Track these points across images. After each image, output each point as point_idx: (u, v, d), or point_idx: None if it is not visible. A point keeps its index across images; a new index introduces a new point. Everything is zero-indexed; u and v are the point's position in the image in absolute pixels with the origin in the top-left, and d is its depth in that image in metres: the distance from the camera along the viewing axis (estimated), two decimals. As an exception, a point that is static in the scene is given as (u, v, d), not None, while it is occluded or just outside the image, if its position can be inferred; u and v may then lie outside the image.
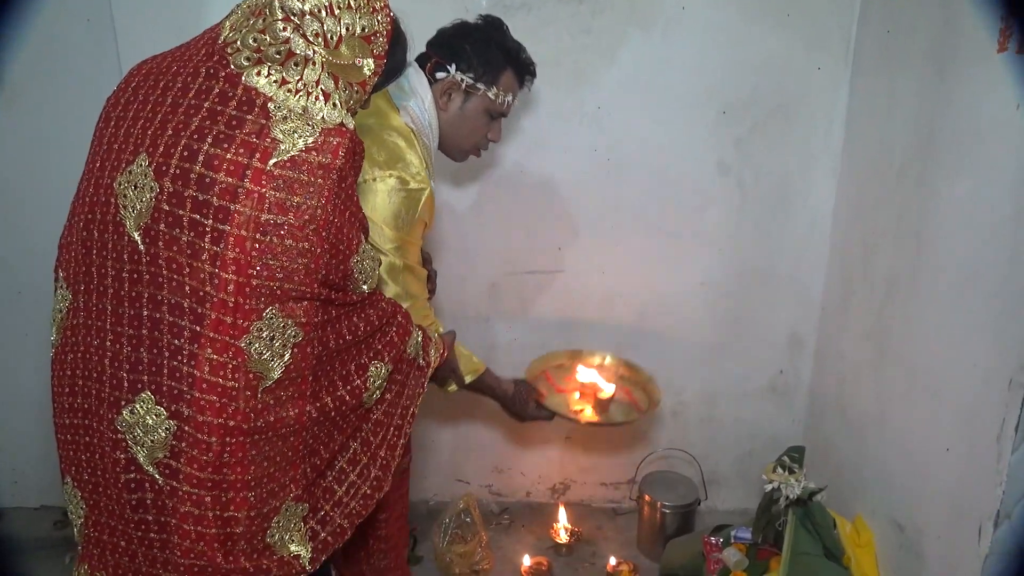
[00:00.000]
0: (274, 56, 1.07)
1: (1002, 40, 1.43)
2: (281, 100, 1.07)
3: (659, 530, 2.26)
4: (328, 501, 1.23)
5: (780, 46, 2.11)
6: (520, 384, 1.91)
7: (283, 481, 1.14)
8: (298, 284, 1.06)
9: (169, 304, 1.05)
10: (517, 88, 1.65)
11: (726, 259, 2.30)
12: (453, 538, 2.22)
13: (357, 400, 1.21)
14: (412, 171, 1.47)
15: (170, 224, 1.03)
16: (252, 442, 1.08)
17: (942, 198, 1.65)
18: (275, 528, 1.15)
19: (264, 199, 1.02)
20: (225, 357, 1.04)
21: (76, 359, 1.14)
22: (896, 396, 1.84)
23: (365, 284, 1.18)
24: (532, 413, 1.91)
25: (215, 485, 1.08)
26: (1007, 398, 1.40)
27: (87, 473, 1.16)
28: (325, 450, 1.21)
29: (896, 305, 1.84)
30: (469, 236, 2.29)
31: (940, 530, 1.62)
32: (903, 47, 1.84)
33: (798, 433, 2.43)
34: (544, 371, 2.10)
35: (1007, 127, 1.42)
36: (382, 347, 1.26)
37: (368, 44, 1.13)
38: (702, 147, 2.20)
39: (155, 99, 1.09)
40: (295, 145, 1.04)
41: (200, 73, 1.08)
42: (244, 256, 1.02)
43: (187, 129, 1.04)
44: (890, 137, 1.89)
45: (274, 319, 1.06)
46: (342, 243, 1.09)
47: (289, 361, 1.08)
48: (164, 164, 1.03)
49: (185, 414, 1.06)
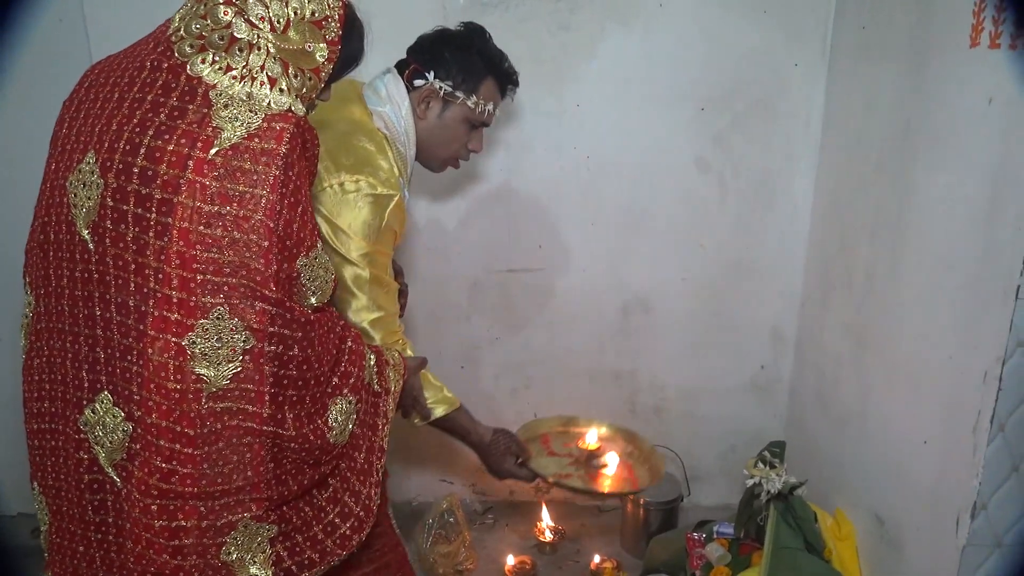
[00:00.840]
0: (217, 42, 1.04)
1: (974, 35, 1.44)
2: (224, 87, 1.04)
3: (642, 527, 2.26)
4: (303, 532, 1.17)
5: (758, 42, 2.11)
6: (500, 434, 1.75)
7: (240, 498, 1.08)
8: (247, 280, 1.01)
9: (116, 303, 1.03)
10: (499, 97, 1.60)
11: (707, 255, 2.31)
12: (436, 538, 2.21)
13: (323, 440, 1.14)
14: (381, 176, 1.41)
15: (115, 220, 1.01)
16: (202, 454, 1.03)
17: (919, 192, 1.66)
18: (232, 545, 1.09)
19: (207, 189, 0.99)
20: (166, 356, 1.01)
21: (42, 363, 1.13)
22: (875, 390, 1.85)
23: (313, 296, 1.11)
24: (510, 470, 1.75)
25: (161, 493, 1.04)
26: (982, 391, 1.41)
27: (51, 478, 1.15)
28: (293, 481, 1.13)
29: (875, 299, 1.85)
30: (450, 235, 2.28)
31: (919, 522, 1.63)
32: (878, 43, 1.85)
33: (779, 428, 2.44)
34: (544, 434, 1.98)
35: (981, 121, 1.43)
36: (339, 380, 1.18)
37: (319, 29, 1.09)
38: (682, 143, 2.21)
39: (104, 96, 1.07)
40: (236, 132, 1.01)
41: (145, 66, 1.06)
42: (188, 249, 0.99)
43: (130, 123, 1.02)
44: (867, 132, 1.90)
45: (221, 319, 1.01)
46: (290, 239, 1.04)
47: (238, 369, 1.02)
48: (108, 160, 1.01)
49: (137, 415, 1.04)
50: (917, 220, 1.67)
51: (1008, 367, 1.37)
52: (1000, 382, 1.38)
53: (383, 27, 2.07)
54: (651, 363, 2.41)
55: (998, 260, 1.38)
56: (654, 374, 2.42)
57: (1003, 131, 1.37)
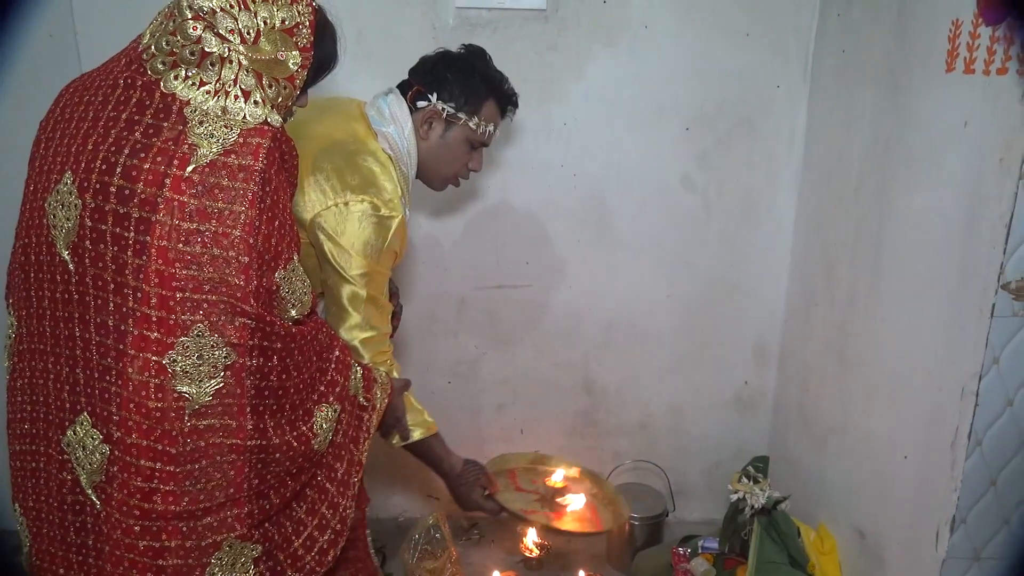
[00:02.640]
0: (188, 57, 1.03)
1: (950, 61, 1.48)
2: (199, 103, 1.03)
3: (628, 542, 2.27)
4: (284, 551, 1.16)
5: (741, 64, 2.16)
6: (471, 465, 1.78)
7: (223, 517, 1.07)
8: (227, 296, 1.00)
9: (95, 323, 1.02)
10: (499, 118, 1.63)
11: (692, 272, 2.34)
12: (423, 554, 2.20)
13: (307, 447, 1.14)
14: (385, 197, 1.43)
15: (94, 240, 1.00)
16: (184, 472, 1.03)
17: (898, 211, 1.70)
18: (216, 566, 1.08)
19: (185, 207, 0.98)
20: (146, 375, 1.00)
21: (24, 385, 1.12)
22: (857, 405, 1.88)
23: (293, 309, 1.11)
24: (477, 501, 1.77)
25: (143, 514, 1.03)
26: (960, 406, 1.44)
27: (32, 499, 1.14)
28: (275, 495, 1.13)
29: (856, 315, 1.89)
30: (438, 251, 2.30)
31: (900, 536, 1.66)
32: (858, 66, 1.90)
33: (763, 443, 2.46)
34: (510, 469, 2.02)
35: (957, 143, 1.47)
36: (325, 388, 1.19)
37: (291, 37, 1.08)
38: (667, 162, 2.24)
39: (79, 115, 1.06)
40: (212, 149, 1.00)
41: (119, 84, 1.06)
42: (168, 267, 0.98)
43: (105, 142, 1.02)
44: (848, 152, 1.95)
45: (201, 336, 1.00)
46: (268, 253, 1.04)
47: (220, 385, 1.02)
48: (85, 180, 1.01)
49: (115, 437, 1.03)
50: (896, 239, 1.71)
51: (984, 383, 1.40)
52: (977, 398, 1.41)
53: (375, 46, 2.12)
54: (636, 379, 2.43)
55: (974, 279, 1.41)
56: (639, 390, 2.44)
57: (978, 153, 1.41)
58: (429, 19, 2.08)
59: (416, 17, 2.08)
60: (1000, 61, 1.34)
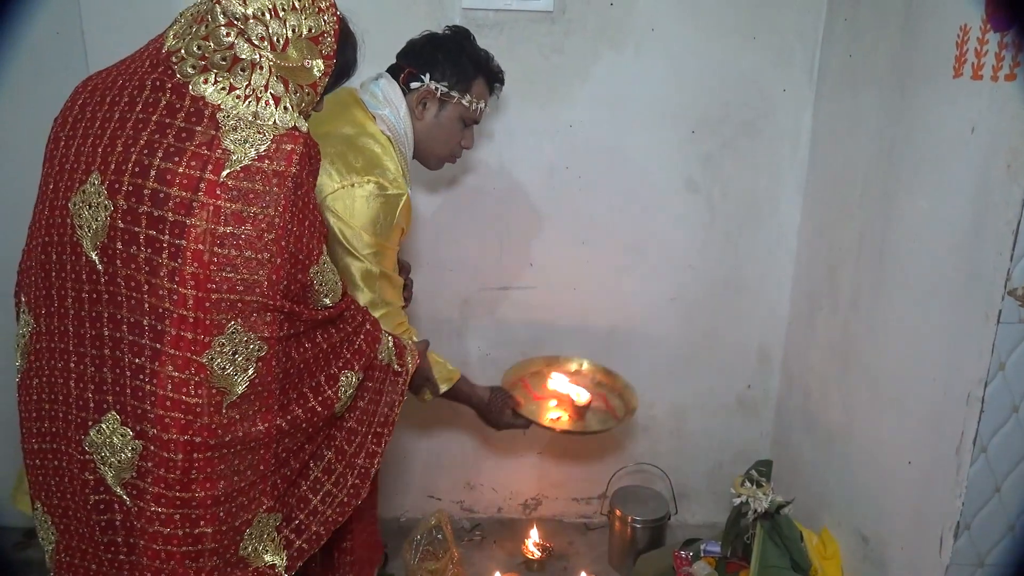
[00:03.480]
0: (220, 63, 1.05)
1: (957, 66, 1.48)
2: (230, 108, 1.05)
3: (630, 545, 2.27)
4: (303, 510, 1.23)
5: (747, 67, 2.16)
6: (496, 391, 1.92)
7: (253, 494, 1.13)
8: (260, 296, 1.04)
9: (128, 323, 1.04)
10: (488, 95, 1.70)
11: (696, 274, 2.34)
12: (424, 555, 2.21)
13: (329, 411, 1.21)
14: (390, 177, 1.49)
15: (127, 242, 1.02)
16: (219, 457, 1.07)
17: (903, 216, 1.70)
18: (248, 540, 1.14)
19: (220, 211, 1.01)
20: (187, 374, 1.03)
21: (42, 383, 1.13)
22: (860, 409, 1.88)
23: (327, 297, 1.17)
24: (508, 421, 1.92)
25: (183, 503, 1.06)
26: (965, 411, 1.44)
27: (56, 498, 1.14)
28: (295, 460, 1.20)
29: (860, 320, 1.89)
30: (442, 251, 2.30)
31: (903, 541, 1.66)
32: (865, 71, 1.90)
33: (766, 446, 2.46)
34: (522, 378, 2.12)
35: (963, 149, 1.47)
36: (351, 356, 1.26)
37: (316, 45, 1.11)
38: (672, 164, 2.24)
39: (103, 115, 1.07)
40: (247, 154, 1.03)
41: (146, 86, 1.07)
42: (203, 270, 1.01)
43: (136, 144, 1.03)
44: (853, 156, 1.95)
45: (236, 333, 1.04)
46: (301, 252, 1.08)
47: (253, 375, 1.07)
48: (116, 181, 1.02)
49: (150, 433, 1.05)
50: (901, 243, 1.70)
51: (990, 389, 1.40)
52: (982, 404, 1.41)
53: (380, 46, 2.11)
54: (639, 381, 2.42)
55: (980, 284, 1.41)
56: (642, 392, 2.42)
57: (984, 159, 1.41)
58: (435, 20, 2.08)
59: (422, 18, 2.08)
60: (1008, 67, 1.34)
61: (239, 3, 1.05)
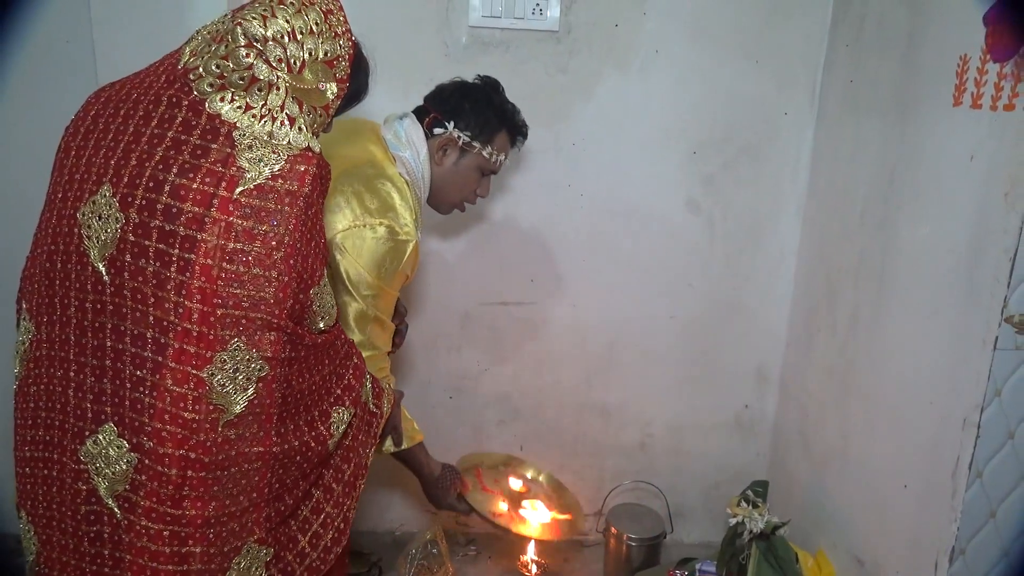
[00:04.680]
0: (237, 82, 1.06)
1: (957, 95, 1.50)
2: (246, 127, 1.06)
3: (625, 562, 2.26)
4: (291, 551, 1.21)
5: (749, 90, 2.18)
6: (447, 469, 1.90)
7: (245, 521, 1.12)
8: (265, 314, 1.04)
9: (132, 335, 1.04)
10: (509, 148, 1.70)
11: (695, 294, 2.35)
12: (419, 569, 2.20)
13: (323, 447, 1.19)
14: (401, 222, 1.48)
15: (136, 255, 1.02)
16: (214, 478, 1.06)
17: (902, 241, 1.71)
18: (234, 570, 1.12)
19: (231, 228, 1.01)
20: (185, 388, 1.03)
21: (39, 391, 1.13)
22: (857, 432, 1.89)
23: (322, 321, 1.16)
24: (451, 502, 1.90)
25: (174, 520, 1.05)
26: (961, 436, 1.45)
27: (42, 507, 1.14)
28: (289, 496, 1.18)
29: (858, 343, 1.90)
30: (443, 266, 2.31)
31: (898, 565, 1.66)
32: (865, 96, 1.92)
33: (762, 467, 2.47)
34: (476, 467, 2.12)
35: (962, 176, 1.49)
36: (342, 391, 1.25)
37: (331, 68, 1.13)
38: (674, 184, 2.26)
39: (116, 128, 1.08)
40: (261, 173, 1.04)
41: (162, 101, 1.08)
42: (210, 285, 1.01)
43: (152, 159, 1.03)
44: (853, 181, 1.96)
45: (239, 351, 1.04)
46: (307, 272, 1.09)
47: (253, 396, 1.06)
48: (130, 195, 1.02)
49: (146, 446, 1.04)
50: (900, 268, 1.72)
51: (986, 415, 1.41)
52: (979, 429, 1.42)
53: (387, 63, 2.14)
54: (637, 399, 2.44)
55: (977, 311, 1.42)
56: (640, 410, 2.44)
57: (983, 187, 1.43)
58: (442, 37, 2.11)
59: (429, 35, 2.10)
60: (1007, 97, 1.36)
61: (260, 25, 1.06)
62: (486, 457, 2.16)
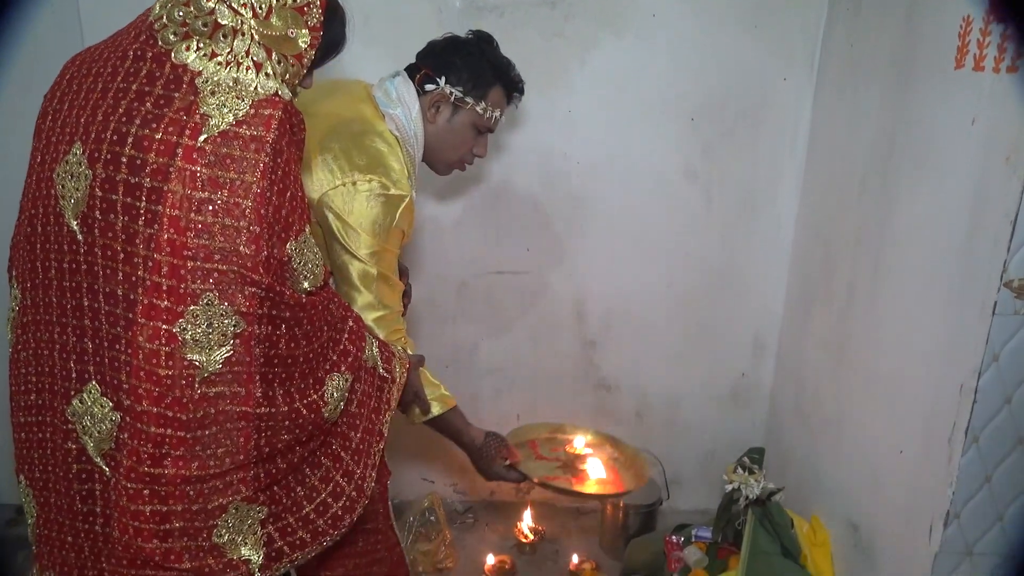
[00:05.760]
0: (201, 29, 1.04)
1: (959, 57, 1.48)
2: (210, 73, 1.04)
3: (622, 529, 2.29)
4: (294, 513, 1.19)
5: (748, 56, 2.15)
6: (491, 436, 1.80)
7: (229, 480, 1.10)
8: (237, 266, 1.02)
9: (104, 292, 1.03)
10: (505, 104, 1.64)
11: (691, 263, 2.34)
12: (417, 536, 2.22)
13: (316, 415, 1.16)
14: (393, 177, 1.44)
15: (104, 210, 1.01)
16: (194, 437, 1.05)
17: (901, 208, 1.70)
18: (223, 528, 1.11)
19: (196, 177, 0.99)
20: (157, 344, 1.01)
21: (28, 356, 1.13)
22: (854, 400, 1.89)
23: (306, 281, 1.12)
24: (499, 472, 1.79)
25: (153, 479, 1.05)
26: (958, 402, 1.45)
27: (38, 470, 1.15)
28: (282, 458, 1.15)
29: (856, 310, 1.89)
30: (439, 235, 2.29)
31: (893, 529, 1.67)
32: (866, 60, 1.89)
33: (759, 435, 2.48)
34: (530, 441, 2.02)
35: (963, 141, 1.47)
36: (337, 358, 1.21)
37: (301, 16, 1.09)
38: (671, 152, 2.24)
39: (87, 87, 1.06)
40: (225, 119, 1.01)
41: (128, 56, 1.06)
42: (179, 236, 0.99)
43: (116, 113, 1.02)
44: (852, 147, 1.94)
45: (211, 305, 1.02)
46: (278, 224, 1.05)
47: (230, 353, 1.04)
48: (96, 150, 1.01)
49: (125, 404, 1.04)
50: (898, 235, 1.71)
51: (983, 380, 1.41)
52: (975, 395, 1.41)
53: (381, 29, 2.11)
54: (634, 368, 2.44)
55: (976, 276, 1.41)
56: (636, 379, 2.45)
57: (984, 151, 1.41)
58: (435, 3, 2.07)
59: (423, 1, 2.06)
60: (1010, 59, 1.34)
61: None
62: (537, 429, 2.06)
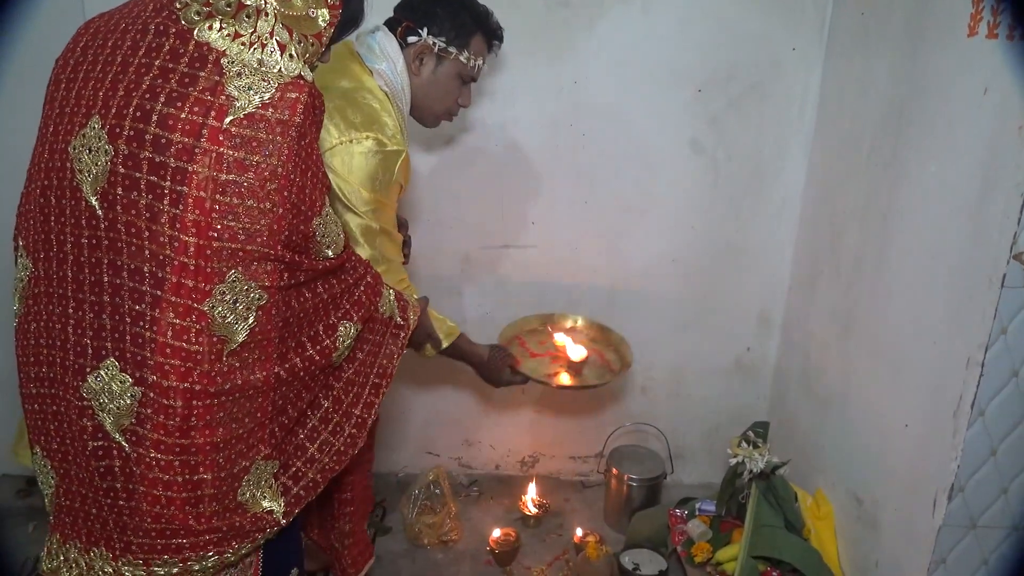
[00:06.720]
0: (224, 9, 1.04)
1: (972, 25, 1.45)
2: (235, 54, 1.04)
3: (626, 503, 2.29)
4: (300, 458, 1.25)
5: (757, 25, 2.11)
6: (495, 349, 1.93)
7: (251, 441, 1.15)
8: (261, 246, 1.04)
9: (129, 269, 1.04)
10: (486, 52, 1.67)
11: (698, 236, 2.32)
12: (422, 509, 2.23)
13: (326, 360, 1.22)
14: (388, 133, 1.48)
15: (127, 187, 1.01)
16: (219, 404, 1.08)
17: (910, 180, 1.68)
18: (246, 486, 1.16)
19: (222, 158, 1.00)
20: (188, 321, 1.04)
21: (39, 328, 1.13)
22: (859, 374, 1.88)
23: (329, 249, 1.17)
24: (507, 378, 1.93)
25: (183, 449, 1.08)
26: (964, 375, 1.44)
27: (56, 442, 1.15)
28: (293, 408, 1.21)
29: (862, 284, 1.88)
30: (443, 209, 2.28)
31: (897, 503, 1.67)
32: (876, 30, 1.86)
33: (763, 409, 2.48)
34: (517, 336, 2.13)
35: (975, 111, 1.44)
36: (350, 306, 1.27)
37: None
38: (677, 124, 2.21)
39: (104, 58, 1.06)
40: (251, 102, 1.02)
41: (149, 30, 1.05)
42: (204, 217, 1.01)
43: (138, 89, 1.02)
44: (861, 119, 1.92)
45: (237, 282, 1.05)
46: (304, 203, 1.08)
47: (254, 324, 1.08)
48: (117, 126, 1.01)
49: (149, 380, 1.05)
50: (907, 208, 1.69)
51: (991, 353, 1.40)
52: (982, 368, 1.41)
53: None
54: (639, 342, 2.42)
55: (985, 248, 1.40)
56: (641, 353, 2.42)
57: (996, 121, 1.38)
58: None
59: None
60: (1025, 26, 1.31)
61: None
62: (524, 323, 2.18)
